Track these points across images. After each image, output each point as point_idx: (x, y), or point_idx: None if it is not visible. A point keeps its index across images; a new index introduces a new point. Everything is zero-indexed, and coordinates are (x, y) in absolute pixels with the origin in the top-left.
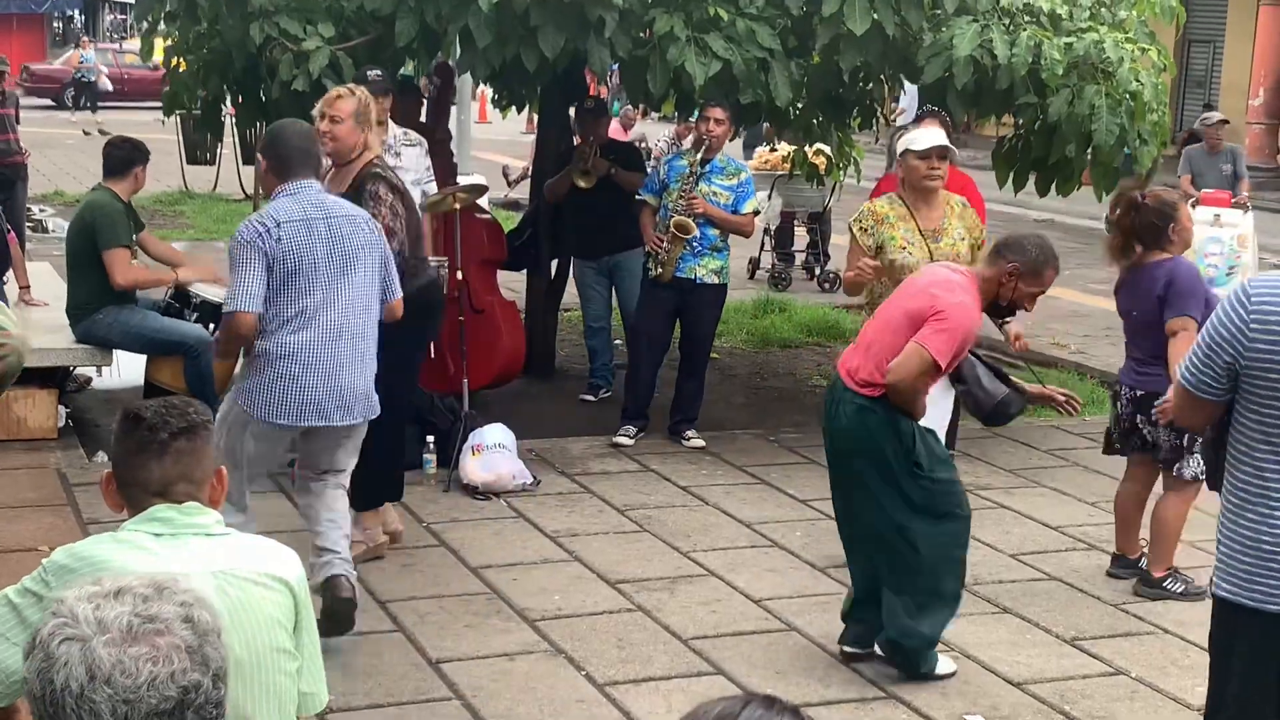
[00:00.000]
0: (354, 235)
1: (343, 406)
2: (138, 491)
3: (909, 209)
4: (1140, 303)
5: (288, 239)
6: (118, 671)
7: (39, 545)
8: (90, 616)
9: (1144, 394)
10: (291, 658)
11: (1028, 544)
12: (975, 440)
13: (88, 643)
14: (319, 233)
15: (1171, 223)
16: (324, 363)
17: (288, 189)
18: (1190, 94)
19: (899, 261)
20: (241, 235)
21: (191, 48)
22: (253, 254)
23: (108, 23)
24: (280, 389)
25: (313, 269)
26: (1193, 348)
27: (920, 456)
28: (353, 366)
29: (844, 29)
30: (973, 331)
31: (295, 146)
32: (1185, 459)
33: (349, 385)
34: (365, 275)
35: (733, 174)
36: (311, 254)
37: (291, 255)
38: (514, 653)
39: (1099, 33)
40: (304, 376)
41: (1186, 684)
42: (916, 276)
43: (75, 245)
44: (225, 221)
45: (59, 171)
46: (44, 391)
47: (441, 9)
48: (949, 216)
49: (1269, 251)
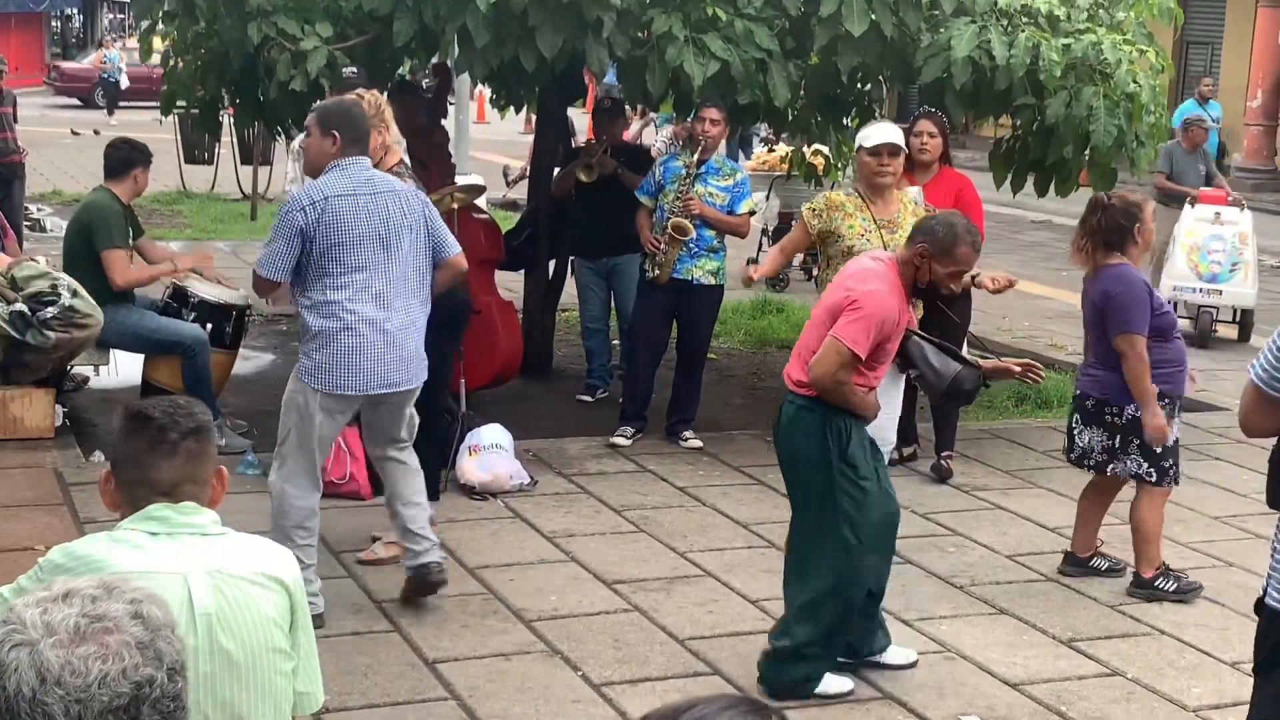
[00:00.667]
0: (399, 208)
1: (403, 371)
2: (145, 491)
3: (865, 200)
4: (1087, 306)
5: (333, 212)
6: (67, 672)
7: (35, 544)
8: (37, 621)
9: (1078, 394)
10: (287, 657)
11: (1024, 545)
12: (973, 441)
13: (35, 646)
14: (364, 207)
15: (1137, 224)
16: (380, 332)
17: (341, 164)
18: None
19: (856, 248)
20: (290, 204)
21: (189, 47)
22: (291, 227)
23: (106, 23)
24: (343, 362)
25: (359, 242)
26: (1268, 344)
27: (855, 459)
28: (406, 333)
29: (842, 30)
30: (890, 316)
31: (363, 126)
32: (1120, 459)
33: (406, 351)
34: (412, 245)
35: (728, 174)
36: (357, 228)
37: (335, 228)
38: (510, 653)
39: (1097, 34)
40: (364, 347)
41: (1183, 685)
42: (839, 272)
43: (72, 245)
44: (223, 221)
45: (57, 171)
46: (41, 391)
47: (439, 9)
48: (903, 213)
49: (1268, 254)
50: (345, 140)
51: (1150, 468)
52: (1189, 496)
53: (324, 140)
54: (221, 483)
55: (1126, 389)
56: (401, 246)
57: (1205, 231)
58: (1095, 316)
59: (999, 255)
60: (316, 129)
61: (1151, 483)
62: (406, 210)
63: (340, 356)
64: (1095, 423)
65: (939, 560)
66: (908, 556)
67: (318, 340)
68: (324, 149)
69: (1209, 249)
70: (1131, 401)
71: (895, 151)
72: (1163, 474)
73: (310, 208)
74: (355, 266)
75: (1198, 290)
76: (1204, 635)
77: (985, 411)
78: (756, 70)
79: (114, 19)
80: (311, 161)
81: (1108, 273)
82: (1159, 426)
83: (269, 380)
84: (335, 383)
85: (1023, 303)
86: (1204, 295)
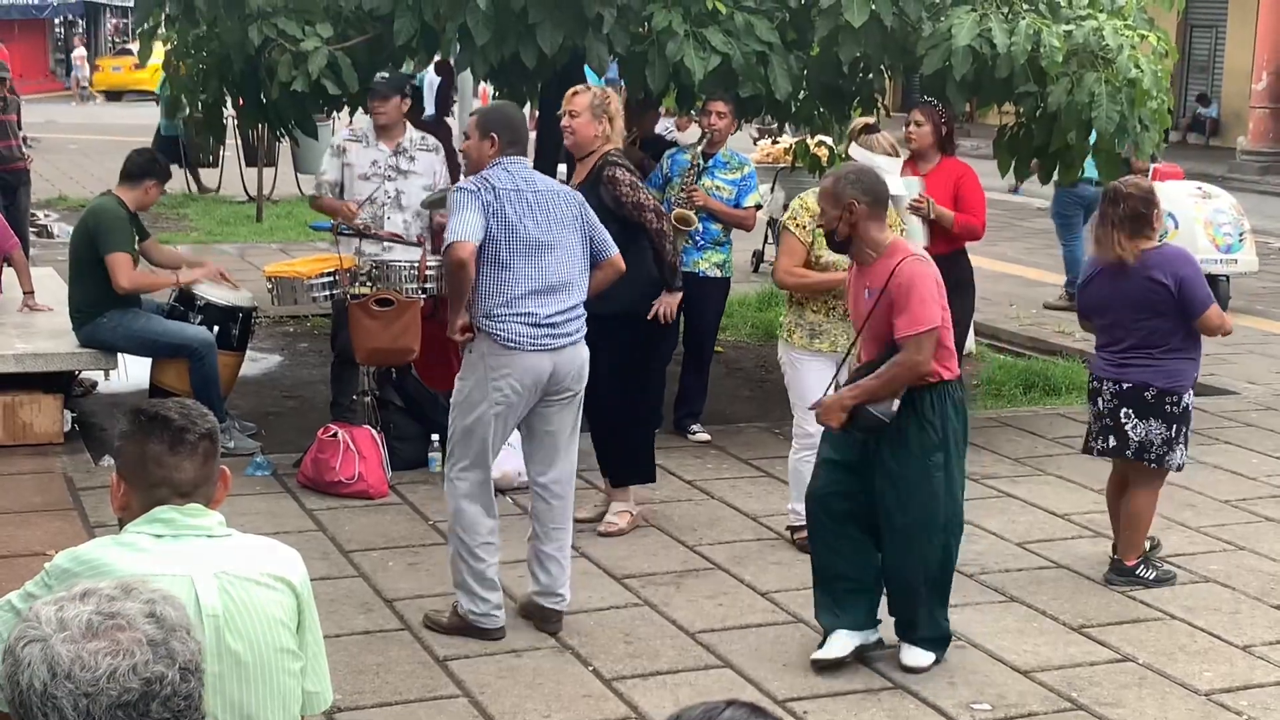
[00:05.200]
0: (557, 208)
1: (571, 372)
2: (166, 492)
3: None
4: (1134, 293)
5: (500, 203)
6: (76, 666)
7: (46, 550)
8: (52, 617)
9: (1130, 386)
10: (295, 657)
11: (1034, 532)
12: (981, 429)
13: (47, 641)
14: (528, 203)
15: (1155, 209)
16: (537, 329)
17: (502, 162)
18: (1194, 79)
19: (824, 259)
20: (464, 187)
21: (190, 50)
22: (472, 199)
23: (109, 28)
24: (511, 360)
25: (520, 236)
26: None
27: None
28: (567, 333)
29: (842, 21)
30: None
31: (522, 130)
32: (1173, 450)
33: (571, 352)
34: (569, 245)
35: (736, 168)
36: (520, 221)
37: (500, 218)
38: (521, 649)
39: (1098, 20)
40: (523, 342)
41: (1194, 669)
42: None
43: (78, 250)
44: (229, 224)
45: (62, 176)
46: (49, 396)
47: (440, 7)
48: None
49: (1273, 235)
50: (504, 142)
51: (1186, 453)
52: (1198, 480)
53: (483, 143)
54: (225, 484)
55: (1185, 376)
56: (562, 244)
57: (1209, 206)
58: (1157, 303)
59: (1005, 243)
60: (476, 132)
61: (1173, 468)
62: (567, 207)
63: (509, 357)
64: (1155, 414)
65: None
66: None
67: (484, 343)
68: (484, 151)
69: (1219, 223)
70: (1186, 390)
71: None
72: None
73: (485, 189)
74: (517, 261)
75: (1220, 261)
76: (1215, 619)
77: (993, 400)
78: (757, 63)
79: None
80: (474, 162)
81: (1160, 255)
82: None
83: (276, 382)
84: (504, 382)
85: (1028, 290)
86: (1223, 265)
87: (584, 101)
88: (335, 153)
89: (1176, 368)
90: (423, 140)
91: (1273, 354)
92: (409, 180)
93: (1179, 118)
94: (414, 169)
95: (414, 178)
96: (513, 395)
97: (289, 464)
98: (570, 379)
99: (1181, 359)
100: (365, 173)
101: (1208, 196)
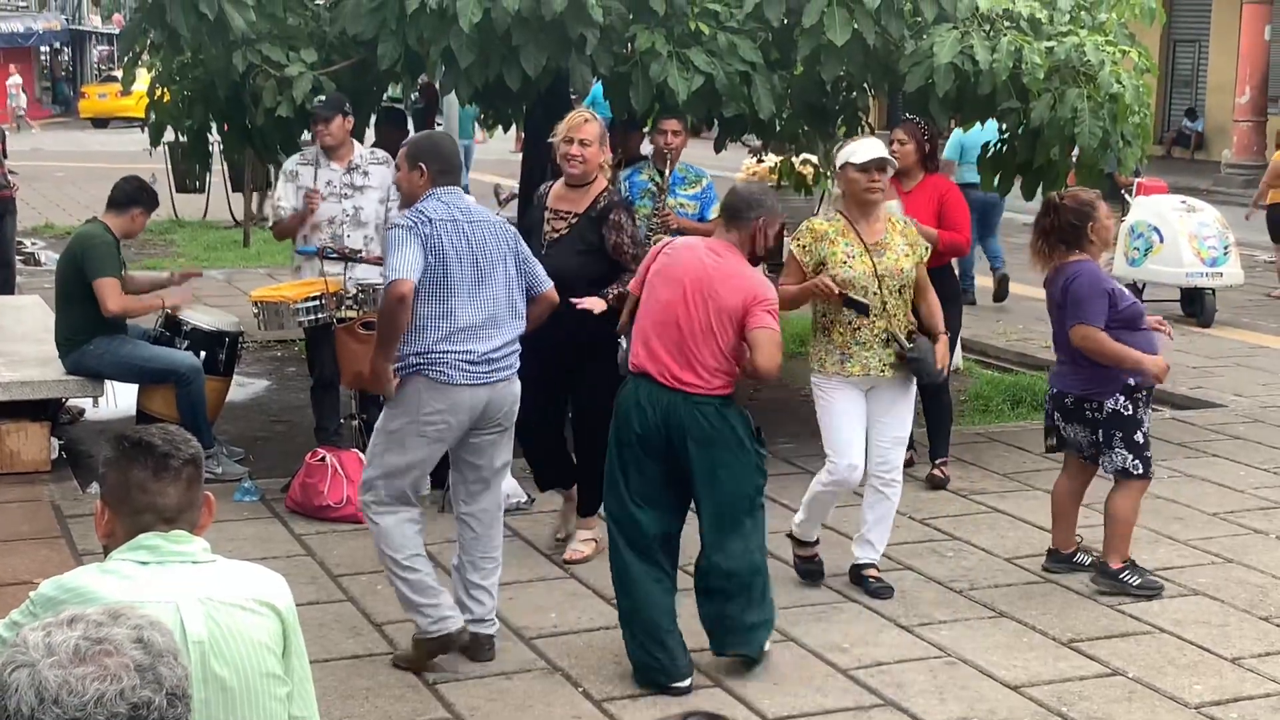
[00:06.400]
0: (493, 240)
1: (504, 408)
2: (151, 518)
3: (849, 223)
4: (1054, 303)
5: (437, 235)
6: (64, 691)
7: (33, 578)
8: (40, 643)
9: (1055, 391)
10: (281, 683)
11: (1023, 547)
12: (969, 445)
13: (35, 666)
14: (464, 234)
15: (1091, 221)
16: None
17: (436, 193)
18: (1177, 93)
19: (840, 276)
20: (399, 221)
21: (175, 77)
22: (410, 236)
23: (95, 56)
24: (447, 396)
25: (457, 269)
26: None
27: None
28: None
29: (825, 40)
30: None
31: (456, 159)
32: (1107, 454)
33: (504, 388)
34: (505, 278)
35: (694, 182)
36: (456, 254)
37: (437, 252)
38: (511, 671)
39: (1079, 36)
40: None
41: (1184, 683)
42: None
43: (65, 276)
44: (216, 249)
45: (48, 204)
46: (36, 424)
47: (423, 30)
48: (890, 232)
49: (1260, 248)
50: (434, 172)
51: (1135, 459)
52: (1186, 493)
53: (413, 174)
54: (210, 510)
55: (1102, 382)
56: (497, 276)
57: (1194, 220)
58: (1060, 313)
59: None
60: (405, 163)
61: (1137, 475)
62: (502, 239)
63: (435, 391)
64: (1076, 419)
65: (937, 565)
66: (906, 562)
67: (409, 376)
68: (415, 182)
69: (1204, 236)
70: (1109, 395)
71: (883, 166)
72: (1147, 465)
73: (422, 224)
74: (452, 293)
75: (1205, 275)
76: (1204, 632)
77: (981, 415)
78: (741, 83)
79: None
80: (405, 195)
81: (1067, 269)
82: (1158, 363)
83: (264, 407)
84: (428, 414)
85: (1016, 305)
86: (1209, 279)
87: (594, 131)
88: (288, 178)
89: (1094, 375)
90: (373, 154)
91: (1259, 366)
92: (365, 195)
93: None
94: (368, 183)
95: (370, 192)
96: (447, 432)
97: (277, 489)
98: (502, 414)
99: (1094, 367)
100: (321, 193)
101: (1192, 210)
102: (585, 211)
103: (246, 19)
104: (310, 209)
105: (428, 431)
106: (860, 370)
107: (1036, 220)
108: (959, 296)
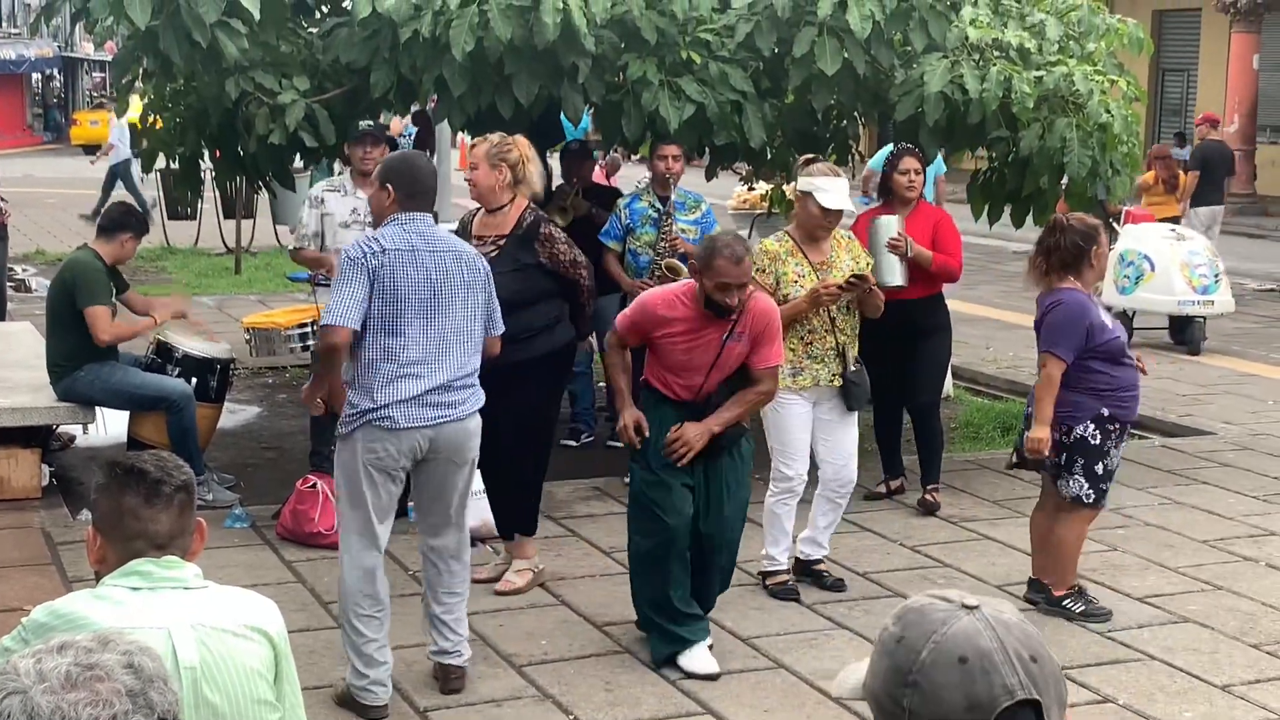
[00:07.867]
0: (457, 270)
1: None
2: (143, 544)
3: (797, 244)
4: (1037, 324)
5: (390, 265)
6: (57, 717)
7: (24, 605)
8: (31, 669)
9: (1029, 412)
10: (273, 709)
11: (1013, 575)
12: (959, 472)
13: (27, 693)
14: (423, 264)
15: (1095, 246)
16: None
17: (399, 218)
18: (1166, 122)
19: (790, 295)
20: (349, 252)
21: (167, 104)
22: (358, 272)
23: (87, 83)
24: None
25: (410, 299)
26: None
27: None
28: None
29: (815, 69)
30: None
31: (428, 183)
32: (1065, 478)
33: (452, 430)
34: (466, 311)
35: (693, 207)
36: (410, 284)
37: (391, 282)
38: (501, 699)
39: (1068, 66)
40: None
41: (1174, 710)
42: None
43: (55, 304)
44: (208, 276)
45: (39, 230)
46: (27, 451)
47: (416, 59)
48: (836, 249)
49: (1249, 276)
50: (400, 195)
51: (1090, 489)
52: (1176, 521)
53: (381, 194)
54: (202, 536)
55: (1076, 408)
56: (456, 308)
57: (1184, 248)
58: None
59: (983, 286)
60: (376, 181)
61: (1088, 504)
62: (469, 272)
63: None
64: None
65: None
66: (897, 589)
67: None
68: (382, 202)
69: (1194, 264)
70: (1080, 422)
71: (841, 215)
72: (1100, 496)
73: (373, 254)
74: (407, 322)
75: (1196, 303)
76: (1194, 659)
77: (971, 443)
78: (732, 112)
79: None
80: (374, 213)
81: (1054, 294)
82: (1039, 439)
83: (255, 433)
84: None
85: (1006, 333)
86: (1200, 307)
87: (480, 151)
88: (314, 204)
89: (1067, 399)
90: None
91: (1249, 394)
92: None
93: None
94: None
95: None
96: (390, 461)
97: (268, 516)
98: (452, 450)
99: (1068, 392)
100: (345, 220)
101: (1181, 239)
102: (511, 232)
103: (239, 46)
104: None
105: (369, 466)
106: (810, 382)
107: (1041, 238)
108: (948, 326)
